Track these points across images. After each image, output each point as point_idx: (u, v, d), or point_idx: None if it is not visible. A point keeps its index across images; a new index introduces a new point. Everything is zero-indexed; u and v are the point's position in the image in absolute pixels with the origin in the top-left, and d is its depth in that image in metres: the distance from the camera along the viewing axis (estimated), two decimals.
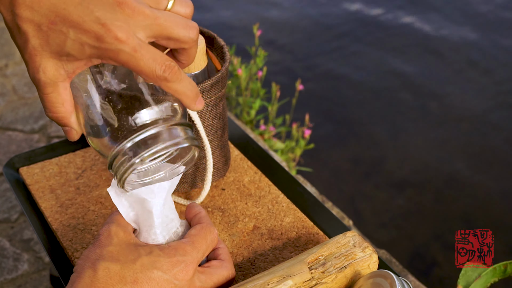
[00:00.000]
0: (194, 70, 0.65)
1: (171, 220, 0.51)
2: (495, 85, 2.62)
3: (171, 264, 0.46)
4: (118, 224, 0.49)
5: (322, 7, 3.28)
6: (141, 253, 0.47)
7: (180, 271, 0.47)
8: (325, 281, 0.57)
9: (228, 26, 3.07)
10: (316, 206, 0.74)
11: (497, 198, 2.03)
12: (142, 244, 0.49)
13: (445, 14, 3.17)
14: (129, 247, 0.47)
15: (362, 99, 2.56)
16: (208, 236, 0.51)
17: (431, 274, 1.74)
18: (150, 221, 0.49)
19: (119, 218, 0.50)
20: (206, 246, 0.50)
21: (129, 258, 0.46)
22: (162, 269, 0.46)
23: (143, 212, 0.49)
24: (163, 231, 0.50)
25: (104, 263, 0.45)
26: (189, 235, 0.50)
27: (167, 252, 0.47)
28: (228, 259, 0.53)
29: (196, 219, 0.53)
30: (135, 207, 0.50)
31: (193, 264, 0.48)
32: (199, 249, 0.49)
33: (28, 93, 2.01)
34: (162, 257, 0.47)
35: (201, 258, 0.49)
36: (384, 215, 1.98)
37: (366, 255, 0.60)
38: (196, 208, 0.54)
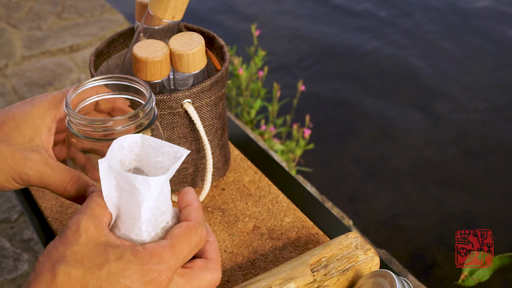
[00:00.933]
0: (194, 70, 0.65)
1: (161, 213, 0.45)
2: (494, 86, 2.62)
3: (142, 274, 0.40)
4: (90, 216, 0.42)
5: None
6: (110, 257, 0.41)
7: (152, 282, 0.41)
8: (327, 284, 0.57)
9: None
10: (316, 206, 0.74)
11: (497, 198, 2.03)
12: (114, 243, 0.42)
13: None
14: (98, 248, 0.41)
15: (362, 99, 2.56)
16: (192, 239, 0.43)
17: (431, 274, 1.74)
18: (137, 215, 0.43)
19: (94, 207, 0.43)
20: (188, 250, 0.43)
21: (95, 262, 0.40)
22: (130, 279, 0.40)
23: (130, 201, 0.43)
24: (149, 227, 0.44)
25: (65, 267, 0.40)
26: (170, 235, 0.43)
27: (140, 257, 0.41)
28: (216, 258, 0.46)
29: (186, 213, 0.45)
30: (123, 191, 0.43)
31: (169, 273, 0.41)
32: (179, 255, 0.42)
33: (28, 93, 2.01)
34: (132, 264, 0.40)
35: (180, 264, 0.43)
36: (384, 215, 1.98)
37: (368, 257, 0.59)
38: (189, 196, 0.46)
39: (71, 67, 2.15)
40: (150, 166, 0.46)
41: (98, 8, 2.53)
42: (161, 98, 0.63)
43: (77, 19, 2.45)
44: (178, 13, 0.65)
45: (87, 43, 2.28)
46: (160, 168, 0.46)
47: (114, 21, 2.42)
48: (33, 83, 2.06)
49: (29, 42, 2.29)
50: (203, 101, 0.67)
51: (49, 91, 2.08)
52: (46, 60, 2.19)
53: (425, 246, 1.85)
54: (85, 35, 2.33)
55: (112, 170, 0.43)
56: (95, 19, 2.45)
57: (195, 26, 0.74)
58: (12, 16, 2.47)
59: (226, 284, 0.63)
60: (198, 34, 0.66)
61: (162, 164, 0.46)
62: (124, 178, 0.42)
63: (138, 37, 0.68)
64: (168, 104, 0.64)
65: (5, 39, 2.31)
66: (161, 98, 0.63)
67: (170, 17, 0.65)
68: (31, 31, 2.36)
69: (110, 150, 0.44)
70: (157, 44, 0.64)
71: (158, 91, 0.66)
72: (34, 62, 2.18)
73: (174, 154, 0.45)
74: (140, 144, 0.46)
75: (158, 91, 0.66)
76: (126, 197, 0.43)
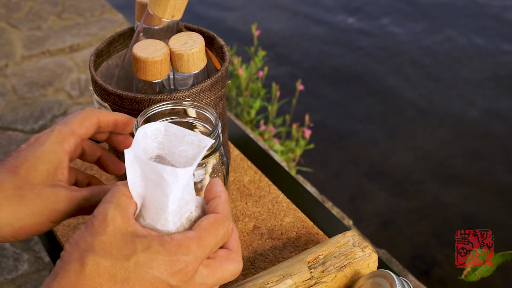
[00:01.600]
0: (194, 69, 0.65)
1: (186, 203, 0.44)
2: (492, 88, 2.62)
3: (170, 264, 0.41)
4: (117, 206, 0.42)
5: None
6: (138, 247, 0.41)
7: (179, 272, 0.41)
8: (325, 280, 0.57)
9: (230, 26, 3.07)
10: (316, 206, 0.74)
11: (497, 198, 2.03)
12: (141, 234, 0.42)
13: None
14: (125, 238, 0.41)
15: (362, 99, 2.56)
16: (220, 232, 0.43)
17: (431, 274, 1.74)
18: (163, 205, 0.43)
19: (120, 196, 0.43)
20: (215, 242, 0.43)
21: (123, 252, 0.41)
22: (158, 269, 0.40)
23: (157, 191, 0.43)
24: (175, 218, 0.44)
25: (94, 257, 0.40)
26: (198, 226, 0.43)
27: (168, 248, 0.41)
28: (237, 249, 0.46)
29: (214, 205, 0.45)
30: (149, 181, 0.43)
31: (195, 264, 0.42)
32: (206, 247, 0.42)
33: (28, 93, 2.01)
34: (160, 255, 0.41)
35: (206, 256, 0.43)
36: (384, 215, 1.97)
37: (366, 254, 0.60)
38: (217, 188, 0.46)
39: (71, 67, 2.15)
40: (174, 154, 0.46)
41: (98, 8, 2.53)
42: (161, 98, 0.63)
43: (77, 19, 2.45)
44: (177, 12, 0.65)
45: (87, 43, 2.28)
46: (184, 157, 0.46)
47: (114, 21, 2.42)
48: (33, 83, 2.06)
49: (29, 42, 2.29)
50: (203, 101, 0.67)
51: (49, 91, 2.08)
52: (46, 60, 2.19)
53: (425, 246, 1.85)
54: (85, 35, 2.33)
55: (138, 160, 0.43)
56: (95, 19, 2.45)
57: (195, 26, 0.74)
58: (12, 16, 2.47)
59: (226, 284, 0.63)
60: (198, 34, 0.66)
61: (186, 153, 0.46)
62: (151, 168, 0.42)
63: (138, 37, 0.68)
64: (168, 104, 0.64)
65: (5, 39, 2.31)
66: (161, 98, 0.63)
67: (170, 16, 0.65)
68: (31, 31, 2.36)
69: (135, 139, 0.44)
70: (157, 44, 0.64)
71: (158, 91, 0.66)
72: (34, 62, 2.18)
73: (198, 143, 0.45)
74: (163, 132, 0.46)
75: (158, 91, 0.66)
76: (152, 187, 0.43)
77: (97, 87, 0.66)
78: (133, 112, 0.64)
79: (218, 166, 0.59)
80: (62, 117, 1.90)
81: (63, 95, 2.00)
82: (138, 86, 0.66)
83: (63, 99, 1.98)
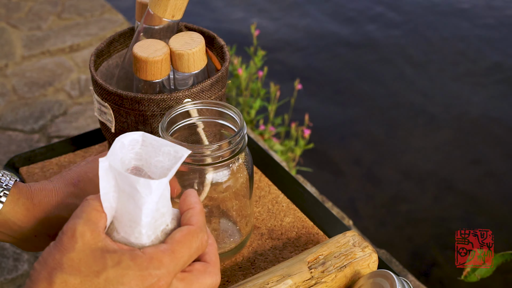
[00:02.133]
0: (194, 69, 0.65)
1: (161, 215, 0.43)
2: (491, 88, 2.63)
3: (141, 279, 0.39)
4: (86, 221, 0.41)
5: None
6: (108, 263, 0.40)
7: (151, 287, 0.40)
8: (325, 280, 0.57)
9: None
10: (316, 206, 0.74)
11: (497, 197, 2.03)
12: (112, 249, 0.41)
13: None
14: (94, 253, 0.40)
15: (362, 99, 2.56)
16: (193, 244, 0.42)
17: (431, 274, 1.74)
18: (137, 218, 0.42)
19: (90, 211, 0.42)
20: (189, 255, 0.42)
21: (93, 269, 0.39)
22: (129, 285, 0.39)
23: (130, 204, 0.42)
24: (149, 230, 0.43)
25: (62, 275, 0.39)
26: (171, 239, 0.42)
27: (139, 262, 0.40)
28: (215, 261, 0.45)
29: (187, 216, 0.44)
30: (123, 192, 0.42)
31: (168, 278, 0.40)
32: (179, 260, 0.41)
33: (28, 93, 2.01)
34: (131, 270, 0.39)
35: (180, 269, 0.42)
36: (384, 215, 1.97)
37: (366, 254, 0.60)
38: (192, 199, 0.45)
39: (71, 67, 2.15)
40: (150, 165, 0.45)
41: (98, 8, 2.53)
42: (161, 98, 0.63)
43: (77, 19, 2.45)
44: (178, 12, 0.65)
45: (87, 43, 2.28)
46: (160, 168, 0.45)
47: (114, 21, 2.42)
48: (33, 83, 2.06)
49: (29, 42, 2.29)
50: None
51: (49, 91, 2.08)
52: (46, 60, 2.19)
53: (425, 246, 1.85)
54: (85, 35, 2.33)
55: (112, 170, 0.42)
56: (95, 19, 2.45)
57: (195, 26, 0.74)
58: (12, 16, 2.48)
59: (226, 284, 0.63)
60: (198, 33, 0.66)
61: (162, 164, 0.45)
62: (125, 179, 0.41)
63: (138, 36, 0.68)
64: (168, 104, 0.64)
65: (5, 39, 2.31)
66: (161, 97, 0.63)
67: (170, 16, 0.65)
68: (31, 31, 2.36)
69: (112, 149, 0.43)
70: (157, 43, 0.64)
71: (158, 90, 0.66)
72: (34, 62, 2.18)
73: (174, 154, 0.44)
74: (140, 142, 0.45)
75: (158, 90, 0.66)
76: (126, 199, 0.42)
77: (98, 87, 0.66)
78: (133, 111, 0.64)
79: (243, 165, 0.60)
80: (62, 117, 1.90)
81: (63, 95, 2.00)
82: (138, 86, 0.66)
83: (63, 99, 1.98)
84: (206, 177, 0.60)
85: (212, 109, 0.61)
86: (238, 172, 0.60)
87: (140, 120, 0.65)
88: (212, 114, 0.61)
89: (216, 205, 0.67)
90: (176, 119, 0.60)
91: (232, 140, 0.56)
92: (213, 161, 0.56)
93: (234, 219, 0.67)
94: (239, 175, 0.61)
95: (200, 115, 0.62)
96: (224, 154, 0.56)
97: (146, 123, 0.65)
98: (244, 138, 0.58)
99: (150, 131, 0.66)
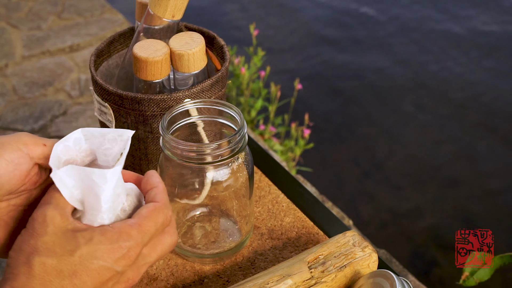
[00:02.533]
0: (194, 69, 0.65)
1: (117, 196, 0.46)
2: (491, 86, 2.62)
3: (113, 251, 0.43)
4: (55, 206, 0.44)
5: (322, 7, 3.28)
6: (80, 241, 0.43)
7: (123, 258, 0.43)
8: (325, 280, 0.57)
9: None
10: (316, 206, 0.74)
11: (497, 198, 2.03)
12: (82, 228, 0.44)
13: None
14: (67, 235, 0.43)
15: (362, 99, 2.56)
16: (159, 219, 0.46)
17: (431, 274, 1.74)
18: (97, 206, 0.45)
19: (58, 197, 0.45)
20: (155, 229, 0.45)
21: (67, 249, 0.43)
22: (102, 258, 0.43)
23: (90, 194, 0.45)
24: (110, 214, 0.45)
25: (40, 258, 0.42)
26: (138, 215, 0.45)
27: (109, 237, 0.43)
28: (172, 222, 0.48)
29: (152, 195, 0.47)
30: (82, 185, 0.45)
31: (137, 249, 0.44)
32: (146, 233, 0.45)
33: (28, 93, 2.01)
34: (103, 244, 0.43)
35: (147, 241, 0.45)
36: (384, 215, 1.97)
37: (366, 254, 0.60)
38: (154, 179, 0.48)
39: (71, 67, 2.15)
40: (101, 155, 0.47)
41: (98, 8, 2.53)
42: (161, 98, 0.63)
43: (77, 19, 2.45)
44: (178, 12, 0.65)
45: (87, 43, 2.28)
46: (110, 155, 0.47)
47: (114, 21, 2.42)
48: (33, 83, 2.06)
49: (29, 42, 2.29)
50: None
51: (49, 91, 2.08)
52: (46, 60, 2.19)
53: (425, 246, 1.85)
54: (85, 35, 2.33)
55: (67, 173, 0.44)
56: (95, 19, 2.45)
57: (195, 26, 0.74)
58: (12, 16, 2.48)
59: (226, 284, 0.63)
60: (198, 34, 0.66)
61: (111, 151, 0.47)
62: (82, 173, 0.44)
63: (138, 36, 0.68)
64: (168, 104, 0.64)
65: (5, 39, 2.31)
66: (161, 98, 0.63)
67: (170, 16, 0.65)
68: (31, 31, 2.36)
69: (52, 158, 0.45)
70: (157, 43, 0.64)
71: (158, 91, 0.66)
72: (34, 62, 2.18)
73: (120, 138, 0.47)
74: (83, 138, 0.47)
75: (158, 91, 0.66)
76: (87, 191, 0.45)
77: (98, 87, 0.66)
78: (133, 111, 0.64)
79: (243, 165, 0.60)
80: (62, 117, 1.90)
81: (63, 95, 2.00)
82: (138, 86, 0.66)
83: (63, 99, 1.98)
84: (207, 176, 0.60)
85: (212, 108, 0.61)
86: (238, 171, 0.60)
87: (140, 120, 0.65)
88: (212, 113, 0.62)
89: (216, 204, 0.67)
90: (176, 118, 0.60)
91: (232, 139, 0.56)
92: (213, 160, 0.56)
93: (234, 218, 0.67)
94: (239, 175, 0.61)
95: (200, 114, 0.62)
96: (224, 153, 0.56)
97: (146, 123, 0.65)
98: (244, 137, 0.58)
99: (150, 131, 0.66)
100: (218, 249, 0.65)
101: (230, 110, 0.59)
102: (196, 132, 0.64)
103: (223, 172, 0.60)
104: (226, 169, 0.59)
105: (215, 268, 0.65)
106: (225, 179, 0.60)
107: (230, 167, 0.60)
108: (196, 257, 0.65)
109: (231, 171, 0.60)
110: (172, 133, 0.60)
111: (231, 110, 0.59)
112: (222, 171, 0.60)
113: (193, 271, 0.65)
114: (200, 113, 0.62)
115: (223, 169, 0.59)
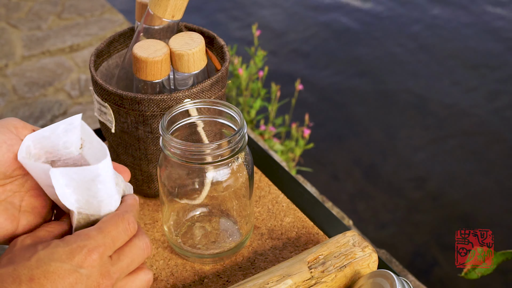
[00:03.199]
0: (194, 69, 0.65)
1: (117, 176, 0.47)
2: (491, 87, 2.62)
3: (71, 252, 0.42)
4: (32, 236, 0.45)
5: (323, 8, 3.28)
6: (38, 248, 0.42)
7: (83, 258, 0.42)
8: (325, 280, 0.57)
9: None
10: (316, 206, 0.74)
11: (497, 198, 2.03)
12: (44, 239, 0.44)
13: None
14: (28, 247, 0.43)
15: (362, 99, 2.56)
16: (119, 223, 0.45)
17: (431, 274, 1.74)
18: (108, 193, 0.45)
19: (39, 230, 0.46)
20: (116, 232, 0.44)
21: (25, 256, 0.42)
22: (60, 259, 0.41)
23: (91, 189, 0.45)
24: (119, 193, 0.46)
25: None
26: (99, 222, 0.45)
27: (67, 240, 0.43)
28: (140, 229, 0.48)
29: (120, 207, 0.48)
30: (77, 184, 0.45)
31: (99, 249, 0.43)
32: (106, 234, 0.44)
33: (28, 93, 2.01)
34: (60, 247, 0.42)
35: (110, 244, 0.44)
36: (384, 215, 1.98)
37: (366, 254, 0.60)
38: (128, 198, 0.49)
39: (71, 67, 2.15)
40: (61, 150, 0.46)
41: (98, 8, 2.53)
42: (161, 98, 0.63)
43: (77, 19, 2.45)
44: (178, 12, 0.65)
45: (87, 43, 2.28)
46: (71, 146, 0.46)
47: (114, 21, 2.42)
48: (33, 83, 2.06)
49: (29, 42, 2.29)
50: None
51: (49, 91, 2.08)
52: (46, 60, 2.19)
53: (425, 246, 1.85)
54: (85, 35, 2.33)
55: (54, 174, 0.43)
56: (95, 19, 2.45)
57: (195, 26, 0.74)
58: (12, 16, 2.48)
59: (226, 284, 0.63)
60: (198, 34, 0.66)
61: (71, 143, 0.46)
62: (75, 171, 0.43)
63: (138, 37, 0.68)
64: (168, 104, 0.64)
65: (5, 39, 2.31)
66: (161, 98, 0.63)
67: (170, 16, 0.65)
68: (31, 31, 2.36)
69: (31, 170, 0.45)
70: (157, 44, 0.65)
71: (158, 91, 0.66)
72: (34, 62, 2.18)
73: (72, 126, 0.45)
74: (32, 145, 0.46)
75: (158, 91, 0.66)
76: (84, 188, 0.44)
77: (98, 87, 0.66)
78: (133, 111, 0.64)
79: (243, 165, 0.60)
80: (62, 117, 1.90)
81: (63, 95, 2.00)
82: (138, 86, 0.66)
83: (63, 99, 1.98)
84: (206, 176, 0.60)
85: (212, 108, 0.61)
86: (238, 171, 0.60)
87: (140, 120, 0.65)
88: (212, 113, 0.62)
89: (216, 204, 0.67)
90: (176, 118, 0.60)
91: (232, 139, 0.56)
92: (213, 160, 0.56)
93: (234, 218, 0.67)
94: (239, 175, 0.61)
95: (200, 114, 0.62)
96: (224, 153, 0.56)
97: (146, 123, 0.65)
98: (244, 137, 0.58)
99: (150, 131, 0.66)
100: (218, 249, 0.65)
101: (230, 110, 0.59)
102: (196, 132, 0.64)
103: (223, 172, 0.60)
104: (226, 169, 0.60)
105: (215, 268, 0.65)
106: (225, 179, 0.60)
107: (230, 167, 0.60)
108: (196, 257, 0.65)
109: (231, 171, 0.60)
110: (172, 133, 0.60)
111: (231, 110, 0.59)
112: (222, 171, 0.60)
113: (193, 271, 0.65)
114: (200, 113, 0.62)
115: (223, 169, 0.60)
